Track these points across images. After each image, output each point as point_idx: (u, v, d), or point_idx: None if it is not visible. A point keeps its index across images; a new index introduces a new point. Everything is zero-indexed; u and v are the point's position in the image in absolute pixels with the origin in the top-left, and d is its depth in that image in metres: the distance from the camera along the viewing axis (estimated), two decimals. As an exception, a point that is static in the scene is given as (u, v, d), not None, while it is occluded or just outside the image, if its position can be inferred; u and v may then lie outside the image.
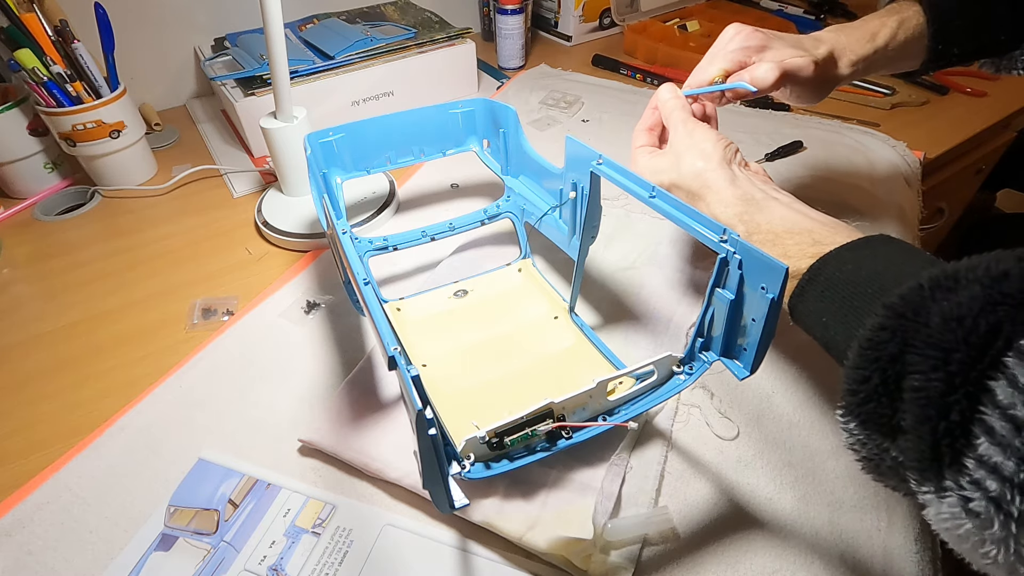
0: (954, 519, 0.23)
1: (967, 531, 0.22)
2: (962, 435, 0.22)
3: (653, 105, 0.47)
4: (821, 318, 0.33)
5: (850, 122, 0.77)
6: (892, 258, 0.31)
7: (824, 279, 0.33)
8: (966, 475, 0.22)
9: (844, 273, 0.32)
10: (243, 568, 0.37)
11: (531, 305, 0.53)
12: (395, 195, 0.67)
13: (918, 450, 0.23)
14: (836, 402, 0.45)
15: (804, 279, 0.34)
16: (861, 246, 0.33)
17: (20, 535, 0.39)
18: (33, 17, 0.61)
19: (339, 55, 0.76)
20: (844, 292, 0.31)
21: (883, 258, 0.31)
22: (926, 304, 0.24)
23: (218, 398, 0.47)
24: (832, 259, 0.33)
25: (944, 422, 0.22)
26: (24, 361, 0.52)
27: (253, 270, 0.60)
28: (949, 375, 0.22)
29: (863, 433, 0.27)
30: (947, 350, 0.23)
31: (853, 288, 0.31)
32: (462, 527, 0.39)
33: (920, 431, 0.23)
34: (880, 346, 0.25)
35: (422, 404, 0.27)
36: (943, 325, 0.23)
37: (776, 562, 0.37)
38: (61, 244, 0.65)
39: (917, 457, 0.24)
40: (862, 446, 0.27)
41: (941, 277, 0.25)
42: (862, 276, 0.31)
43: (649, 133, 0.47)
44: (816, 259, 0.34)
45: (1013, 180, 1.07)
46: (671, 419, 0.44)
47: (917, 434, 0.23)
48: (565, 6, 1.02)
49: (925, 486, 0.24)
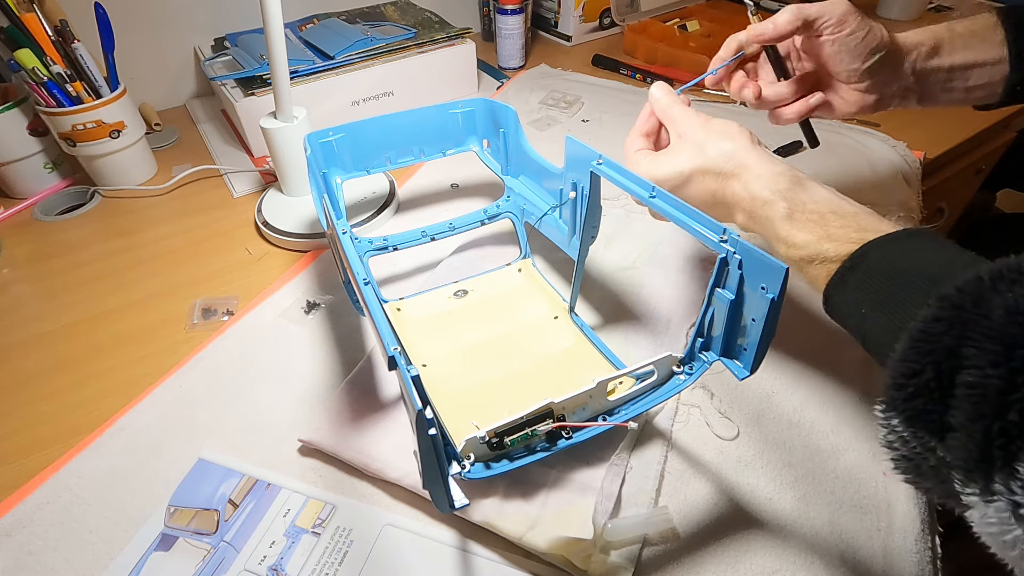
0: (1001, 524, 0.21)
1: (1015, 537, 0.21)
2: (1019, 436, 0.21)
3: (648, 112, 0.45)
4: (860, 308, 0.31)
5: (850, 122, 0.77)
6: (939, 251, 0.30)
7: (866, 267, 0.31)
8: (1018, 479, 0.20)
9: (889, 263, 0.30)
10: (243, 568, 0.37)
11: (531, 305, 0.53)
12: (395, 195, 0.67)
13: (966, 449, 0.22)
14: (836, 402, 0.45)
15: (845, 266, 0.32)
16: (905, 237, 0.31)
17: (20, 535, 0.39)
18: (33, 17, 0.61)
19: (339, 55, 0.76)
20: (888, 282, 0.30)
21: (930, 250, 0.30)
22: (987, 296, 0.23)
23: (218, 398, 0.47)
24: (875, 247, 0.31)
25: (1000, 422, 0.21)
26: (24, 361, 0.52)
27: (253, 270, 0.60)
28: (1011, 371, 0.21)
29: (907, 430, 0.25)
30: (1010, 345, 0.21)
31: (899, 278, 0.29)
32: (462, 527, 0.39)
33: (971, 429, 0.22)
34: (934, 338, 0.24)
35: (422, 404, 0.28)
36: (1006, 318, 0.22)
37: (776, 562, 0.37)
38: (61, 244, 0.65)
39: (965, 457, 0.22)
40: (903, 444, 0.26)
41: (1004, 269, 0.24)
42: (908, 266, 0.29)
43: (646, 138, 0.45)
44: (860, 244, 0.32)
45: (1013, 180, 1.06)
46: (671, 419, 0.44)
47: (967, 432, 0.22)
48: (565, 6, 1.02)
49: (971, 487, 0.22)
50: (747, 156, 0.38)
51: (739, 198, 0.38)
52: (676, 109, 0.43)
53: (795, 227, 0.35)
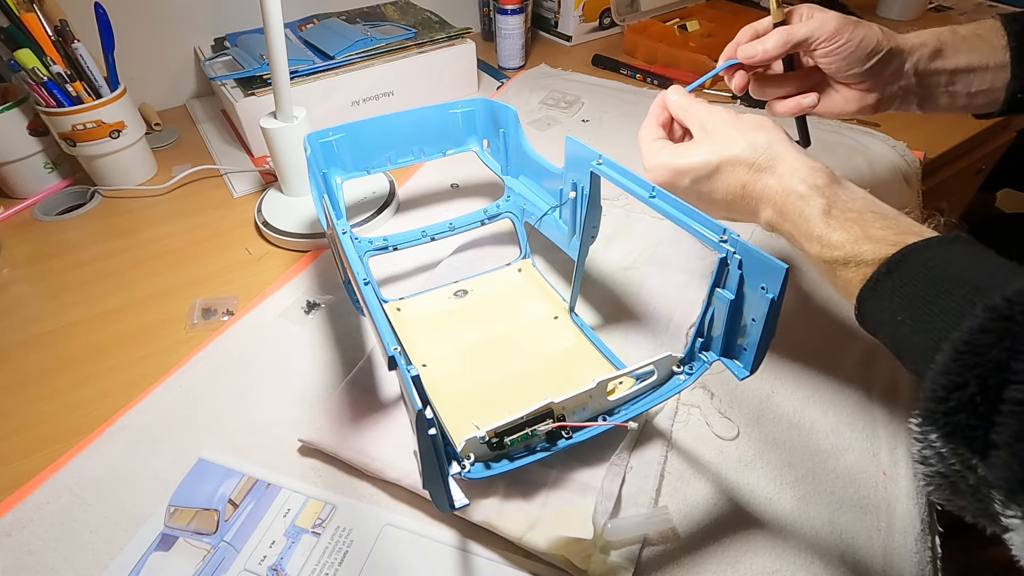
0: None
1: None
2: None
3: (661, 104, 0.45)
4: (896, 316, 0.29)
5: (850, 122, 0.77)
6: (983, 259, 0.28)
7: (904, 273, 0.30)
8: None
9: (929, 269, 0.29)
10: (243, 568, 0.37)
11: (531, 305, 0.53)
12: (395, 195, 0.67)
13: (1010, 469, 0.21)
14: (836, 402, 0.45)
15: (881, 270, 0.31)
16: (948, 242, 0.30)
17: (20, 535, 0.39)
18: (33, 17, 0.61)
19: (339, 55, 0.76)
20: (928, 290, 0.28)
21: (973, 258, 0.28)
22: None
23: (218, 398, 0.47)
24: (915, 251, 0.30)
25: None
26: (24, 361, 0.52)
27: (253, 270, 0.60)
28: None
29: (946, 446, 0.24)
30: None
31: (940, 286, 0.28)
32: (462, 527, 0.39)
33: (1016, 448, 0.21)
34: (981, 351, 0.23)
35: (422, 404, 0.28)
36: None
37: (776, 562, 0.37)
38: (61, 244, 0.65)
39: (1008, 477, 0.22)
40: (940, 460, 0.24)
41: None
42: (950, 274, 0.28)
43: (662, 128, 0.44)
44: (899, 248, 0.30)
45: (1013, 180, 1.06)
46: (671, 419, 0.44)
47: (1011, 451, 0.21)
48: (565, 6, 1.02)
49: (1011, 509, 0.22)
50: (782, 149, 0.37)
51: (771, 191, 0.37)
52: (698, 106, 0.42)
53: (832, 225, 0.34)
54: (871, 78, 0.44)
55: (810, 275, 0.55)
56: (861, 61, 0.43)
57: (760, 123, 0.39)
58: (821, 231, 0.34)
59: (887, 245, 0.31)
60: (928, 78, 0.45)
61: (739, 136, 0.38)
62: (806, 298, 0.53)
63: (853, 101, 0.46)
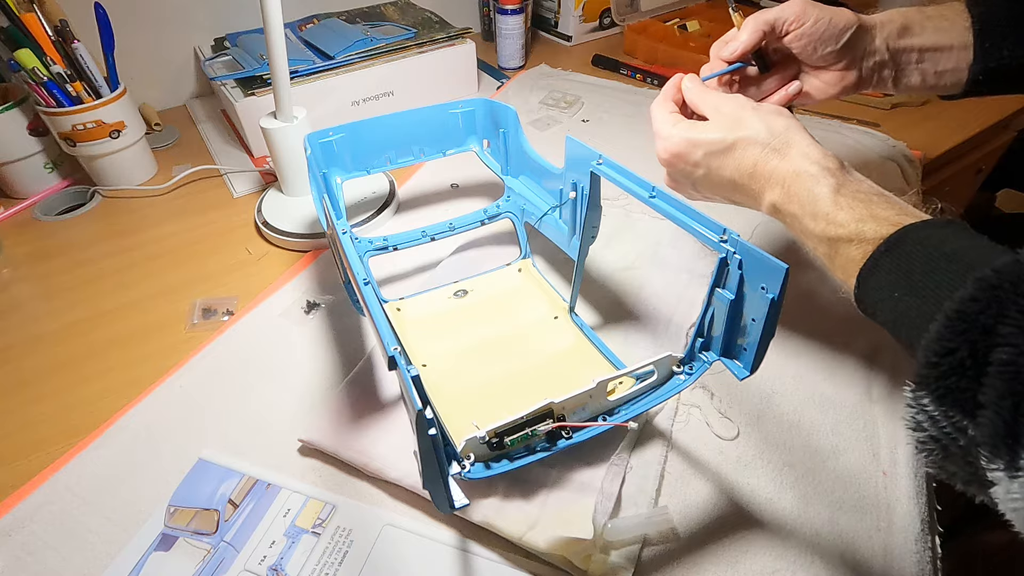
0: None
1: None
2: None
3: (676, 85, 0.45)
4: (893, 292, 0.31)
5: (850, 122, 0.77)
6: (976, 240, 0.30)
7: (902, 251, 0.31)
8: None
9: (926, 247, 0.30)
10: (243, 568, 0.37)
11: (531, 305, 0.53)
12: (395, 195, 0.67)
13: (994, 425, 0.23)
14: (836, 402, 0.45)
15: (880, 249, 0.32)
16: (943, 225, 0.31)
17: (20, 535, 0.39)
18: (33, 17, 0.61)
19: (339, 55, 0.76)
20: (925, 267, 0.30)
21: (967, 239, 0.30)
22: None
23: (218, 398, 0.47)
24: (913, 231, 0.32)
25: None
26: (24, 361, 0.52)
27: (253, 270, 0.60)
28: None
29: (938, 410, 0.25)
30: None
31: (935, 263, 0.29)
32: (462, 527, 0.39)
33: (1001, 405, 0.23)
34: (970, 317, 0.24)
35: (422, 404, 0.28)
36: None
37: (776, 562, 0.37)
38: (61, 244, 0.65)
39: (992, 432, 0.23)
40: (932, 424, 0.26)
41: None
42: (946, 252, 0.30)
43: (675, 104, 0.45)
44: (898, 227, 0.32)
45: (1013, 180, 1.06)
46: (671, 419, 0.44)
47: (996, 408, 0.23)
48: (565, 6, 1.02)
49: (995, 463, 0.23)
50: (798, 136, 0.39)
51: (781, 172, 0.38)
52: (714, 94, 0.43)
53: (839, 204, 0.35)
54: (847, 55, 0.45)
55: (810, 275, 0.55)
56: (835, 38, 0.44)
57: (779, 110, 0.40)
58: (828, 209, 0.35)
59: (888, 225, 0.32)
60: (899, 55, 0.46)
61: (757, 119, 0.39)
62: (806, 298, 0.53)
63: (834, 83, 0.47)
